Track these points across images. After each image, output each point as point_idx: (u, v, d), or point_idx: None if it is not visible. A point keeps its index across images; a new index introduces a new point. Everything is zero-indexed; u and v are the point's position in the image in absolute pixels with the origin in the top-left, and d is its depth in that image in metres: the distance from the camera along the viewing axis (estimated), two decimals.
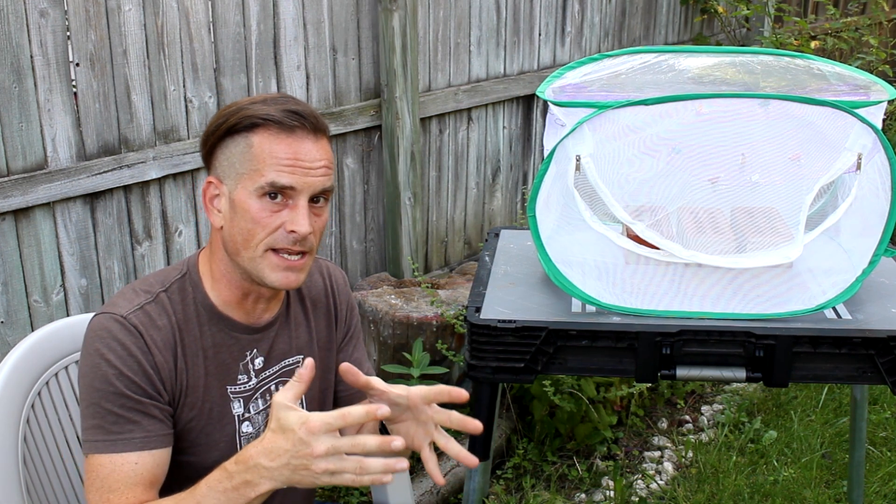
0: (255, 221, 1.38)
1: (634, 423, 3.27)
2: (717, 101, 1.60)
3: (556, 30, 4.08)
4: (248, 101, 1.42)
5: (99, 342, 1.39)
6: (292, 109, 1.38)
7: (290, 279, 1.42)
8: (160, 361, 1.40)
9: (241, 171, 1.39)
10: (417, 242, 3.51)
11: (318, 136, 1.40)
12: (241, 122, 1.38)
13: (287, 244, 1.39)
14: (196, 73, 2.74)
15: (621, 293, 1.69)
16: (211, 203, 1.44)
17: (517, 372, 1.65)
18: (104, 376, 1.38)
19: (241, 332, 1.50)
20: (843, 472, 2.96)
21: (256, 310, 1.51)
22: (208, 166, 1.46)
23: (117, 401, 1.37)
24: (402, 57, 3.26)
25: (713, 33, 5.08)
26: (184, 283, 1.48)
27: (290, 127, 1.37)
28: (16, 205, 2.37)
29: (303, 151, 1.38)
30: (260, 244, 1.39)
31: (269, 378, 1.55)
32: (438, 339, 2.94)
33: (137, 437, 1.38)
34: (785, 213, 1.68)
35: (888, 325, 1.63)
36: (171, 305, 1.45)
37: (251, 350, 1.52)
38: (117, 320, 1.40)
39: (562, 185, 1.64)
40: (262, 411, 1.54)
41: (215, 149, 1.43)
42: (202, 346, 1.46)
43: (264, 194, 1.37)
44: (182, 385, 1.44)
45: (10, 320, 2.45)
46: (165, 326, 1.42)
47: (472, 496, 1.84)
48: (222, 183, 1.42)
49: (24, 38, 2.34)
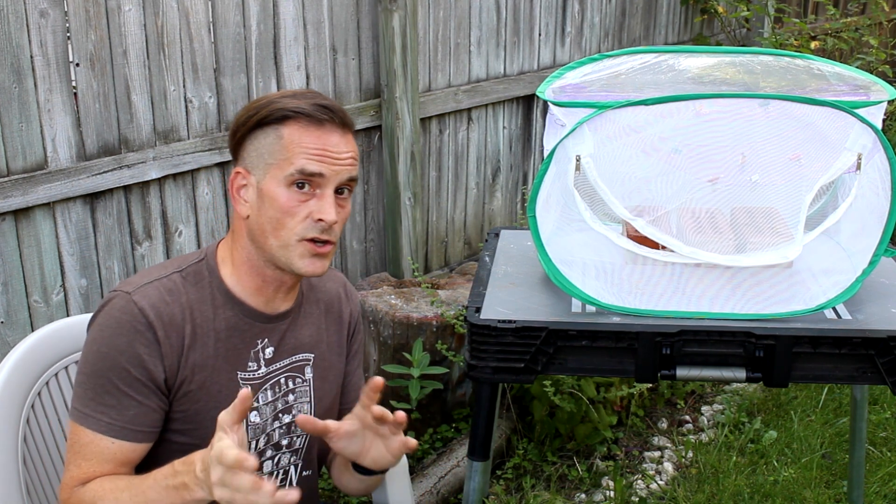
0: (284, 210, 1.43)
1: (634, 423, 3.27)
2: (717, 101, 1.60)
3: (556, 30, 4.08)
4: (278, 95, 1.48)
5: (101, 316, 1.44)
6: (322, 104, 1.44)
7: (317, 266, 1.46)
8: (161, 336, 1.42)
9: (271, 161, 1.44)
10: (417, 242, 3.51)
11: (345, 131, 1.46)
12: (273, 114, 1.44)
13: (315, 233, 1.44)
14: (196, 73, 2.74)
15: (621, 293, 1.69)
16: (238, 193, 1.49)
17: (517, 372, 1.65)
18: (97, 352, 1.42)
19: (254, 318, 1.53)
20: (843, 472, 2.96)
21: (276, 298, 1.54)
22: (236, 157, 1.50)
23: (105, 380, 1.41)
24: (402, 57, 3.26)
25: (713, 33, 5.08)
26: (200, 267, 1.52)
27: (320, 120, 1.43)
28: (16, 205, 2.37)
29: (331, 143, 1.44)
30: (292, 234, 1.43)
31: (278, 371, 1.57)
32: (438, 339, 2.95)
33: (117, 424, 1.42)
34: (785, 213, 1.67)
35: (888, 325, 1.63)
36: (184, 286, 1.48)
37: (262, 339, 1.54)
38: (122, 297, 1.44)
39: (562, 186, 1.64)
40: (271, 403, 1.56)
41: (244, 140, 1.47)
42: (214, 327, 1.48)
43: (292, 183, 1.42)
44: (188, 362, 1.46)
45: (10, 320, 2.45)
46: (175, 303, 1.45)
47: (472, 496, 1.84)
48: (250, 173, 1.47)
49: (24, 38, 2.34)
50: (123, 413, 1.42)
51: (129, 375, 1.41)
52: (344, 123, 1.46)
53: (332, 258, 1.51)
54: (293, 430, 1.60)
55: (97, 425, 1.42)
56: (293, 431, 1.61)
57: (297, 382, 1.60)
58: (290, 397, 1.59)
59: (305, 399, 1.61)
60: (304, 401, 1.61)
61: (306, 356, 1.60)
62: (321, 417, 1.62)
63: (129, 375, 1.41)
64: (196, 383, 1.47)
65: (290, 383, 1.58)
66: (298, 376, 1.60)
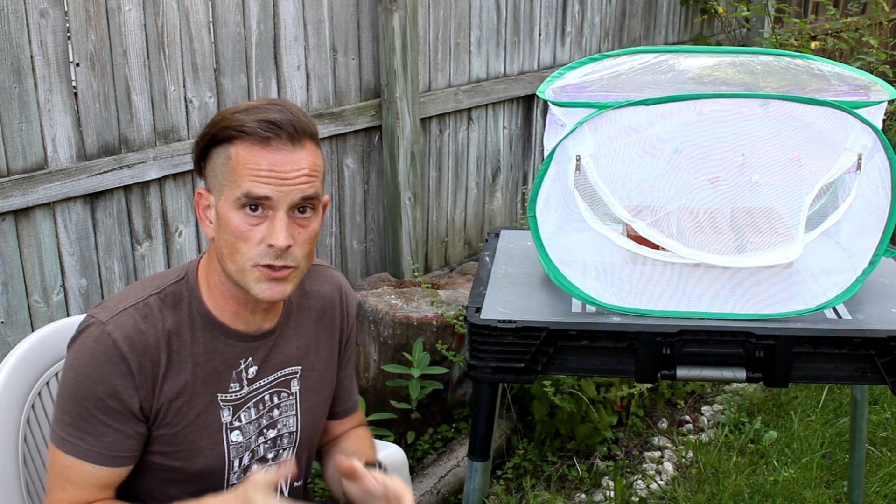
0: (236, 235, 1.36)
1: (634, 423, 3.27)
2: (718, 101, 1.60)
3: (556, 30, 4.08)
4: (232, 109, 1.40)
5: (77, 344, 1.41)
6: (268, 119, 1.34)
7: (276, 290, 1.39)
8: (135, 367, 1.39)
9: (223, 182, 1.38)
10: (417, 242, 3.51)
11: (296, 145, 1.36)
12: (220, 133, 1.38)
13: (270, 259, 1.36)
14: (196, 73, 2.74)
15: (621, 293, 1.69)
16: (204, 213, 1.43)
17: (517, 372, 1.65)
18: (73, 379, 1.39)
19: (236, 339, 1.48)
20: (843, 472, 2.96)
21: (255, 319, 1.49)
22: (200, 175, 1.45)
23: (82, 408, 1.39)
24: (402, 57, 3.26)
25: (713, 33, 5.08)
26: (180, 288, 1.46)
27: (265, 138, 1.34)
28: (16, 205, 2.37)
29: (279, 162, 1.34)
30: (246, 260, 1.37)
31: (262, 388, 1.53)
32: (438, 339, 2.95)
33: (95, 450, 1.40)
34: (785, 213, 1.68)
35: (888, 325, 1.63)
36: (161, 310, 1.43)
37: (245, 358, 1.50)
38: (97, 326, 1.40)
39: (562, 186, 1.64)
40: (255, 421, 1.52)
41: (204, 159, 1.42)
42: (192, 352, 1.44)
43: (243, 206, 1.35)
44: (163, 389, 1.42)
45: (10, 320, 2.45)
46: (150, 330, 1.41)
47: (472, 496, 1.84)
48: (210, 193, 1.42)
49: (24, 38, 2.34)
50: (101, 440, 1.40)
51: (104, 405, 1.38)
52: (294, 137, 1.35)
53: (296, 280, 1.42)
54: (279, 444, 1.57)
55: (75, 450, 1.40)
56: (279, 445, 1.57)
57: (282, 397, 1.56)
58: (276, 412, 1.55)
59: (291, 412, 1.57)
60: (290, 414, 1.57)
61: (293, 369, 1.56)
62: (307, 429, 1.60)
63: (105, 405, 1.38)
64: (174, 409, 1.43)
65: (275, 398, 1.55)
66: (284, 391, 1.56)
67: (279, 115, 1.35)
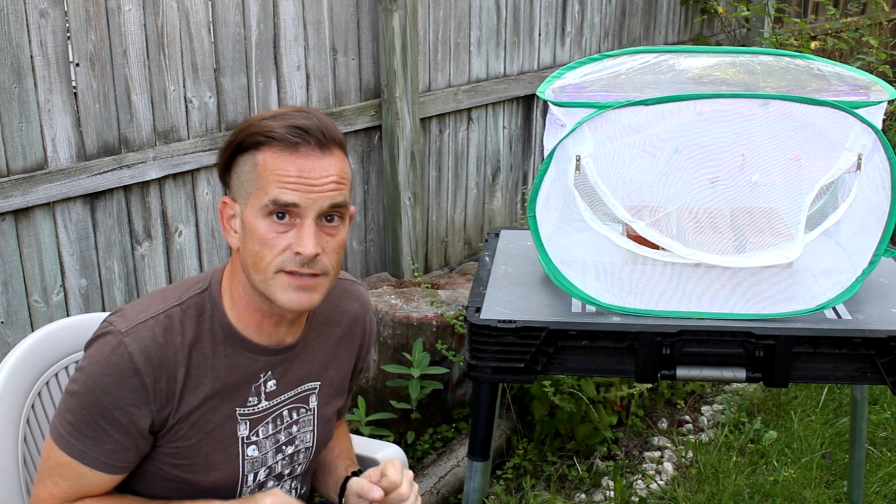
0: (262, 243, 1.33)
1: (634, 423, 3.27)
2: (718, 101, 1.60)
3: (556, 30, 4.08)
4: (258, 116, 1.37)
5: (94, 349, 1.38)
6: (296, 125, 1.32)
7: (303, 300, 1.36)
8: (149, 383, 1.36)
9: (250, 190, 1.34)
10: (417, 242, 3.51)
11: (325, 151, 1.33)
12: (247, 139, 1.34)
13: (295, 266, 1.33)
14: (196, 73, 2.74)
15: (621, 293, 1.69)
16: (228, 223, 1.40)
17: (517, 372, 1.65)
18: (84, 383, 1.37)
19: (257, 353, 1.45)
20: (843, 472, 2.96)
21: (278, 333, 1.45)
22: (224, 184, 1.41)
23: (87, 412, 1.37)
24: (402, 57, 3.26)
25: (713, 33, 5.08)
26: (202, 300, 1.43)
27: (294, 143, 1.31)
28: (16, 205, 2.37)
29: (307, 168, 1.32)
30: (269, 266, 1.34)
31: (282, 403, 1.51)
32: (438, 339, 2.94)
33: (92, 454, 1.38)
34: (785, 213, 1.68)
35: (888, 325, 1.63)
36: (182, 322, 1.40)
37: (265, 372, 1.47)
38: (115, 336, 1.37)
39: (562, 186, 1.64)
40: (272, 436, 1.50)
41: (229, 167, 1.39)
42: (213, 366, 1.42)
43: (269, 213, 1.32)
44: (180, 405, 1.40)
45: (10, 320, 2.45)
46: (169, 344, 1.38)
47: (472, 496, 1.84)
48: (235, 202, 1.38)
49: (24, 38, 2.34)
50: (100, 446, 1.38)
51: (110, 415, 1.36)
52: (323, 143, 1.33)
53: (324, 290, 1.38)
54: (295, 460, 1.56)
55: (73, 451, 1.38)
56: (295, 461, 1.56)
57: (301, 413, 1.53)
58: (294, 428, 1.53)
59: (309, 428, 1.55)
60: (308, 430, 1.55)
61: (312, 385, 1.54)
62: (321, 442, 1.59)
63: (111, 415, 1.36)
64: (189, 422, 1.41)
65: (293, 415, 1.52)
66: (303, 406, 1.54)
67: (307, 122, 1.33)
